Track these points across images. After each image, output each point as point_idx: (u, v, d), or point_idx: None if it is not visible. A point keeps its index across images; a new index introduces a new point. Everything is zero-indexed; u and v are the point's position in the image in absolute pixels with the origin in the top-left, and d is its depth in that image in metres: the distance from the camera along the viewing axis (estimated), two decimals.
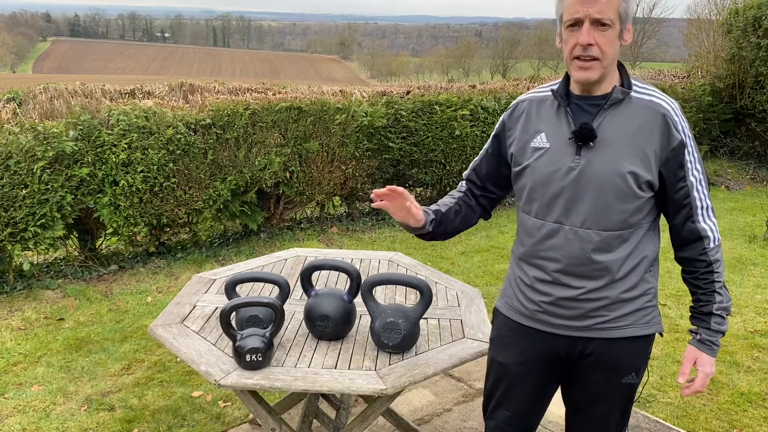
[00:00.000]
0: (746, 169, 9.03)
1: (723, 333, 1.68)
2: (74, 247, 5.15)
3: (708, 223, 1.65)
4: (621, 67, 1.65)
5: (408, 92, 6.59)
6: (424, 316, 2.19)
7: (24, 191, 4.33)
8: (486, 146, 1.86)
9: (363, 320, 2.33)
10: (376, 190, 1.75)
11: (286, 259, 2.95)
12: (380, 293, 2.58)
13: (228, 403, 3.16)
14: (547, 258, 1.68)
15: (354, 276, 2.19)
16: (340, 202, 6.67)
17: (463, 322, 2.37)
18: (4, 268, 4.66)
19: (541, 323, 1.73)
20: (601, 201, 1.60)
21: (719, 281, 1.66)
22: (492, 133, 1.84)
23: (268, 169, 5.44)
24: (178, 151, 4.91)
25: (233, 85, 6.85)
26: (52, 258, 5.14)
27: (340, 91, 6.56)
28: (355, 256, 3.01)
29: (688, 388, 1.71)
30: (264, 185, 5.52)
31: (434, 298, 2.46)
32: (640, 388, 1.79)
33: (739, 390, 3.33)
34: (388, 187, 1.73)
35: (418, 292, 2.15)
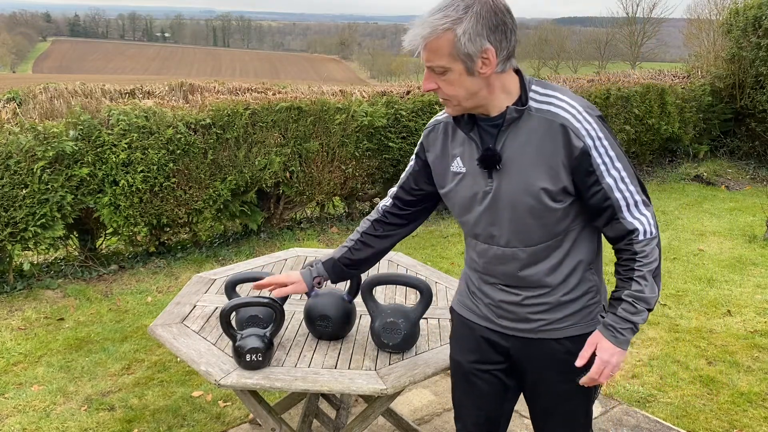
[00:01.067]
0: (746, 169, 9.02)
1: (633, 324, 1.58)
2: (74, 247, 5.15)
3: (638, 217, 1.58)
4: (520, 75, 1.59)
5: (408, 92, 6.59)
6: (424, 316, 2.19)
7: (24, 191, 4.33)
8: (411, 164, 1.84)
9: (363, 320, 2.33)
10: (256, 284, 1.96)
11: (286, 259, 2.95)
12: (380, 293, 2.58)
13: (228, 403, 3.16)
14: (485, 272, 1.72)
15: (354, 276, 2.19)
16: (340, 202, 6.68)
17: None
18: (4, 268, 4.66)
19: (489, 321, 1.76)
20: (519, 220, 1.59)
21: (640, 270, 1.57)
22: (415, 151, 1.83)
23: (268, 169, 5.44)
24: (178, 151, 4.91)
25: (233, 85, 6.85)
26: (52, 258, 5.14)
27: (340, 91, 6.56)
28: None
29: (585, 376, 1.64)
30: (264, 185, 5.52)
31: (434, 298, 2.46)
32: (599, 388, 1.78)
33: (739, 390, 3.33)
34: (258, 285, 1.94)
35: (418, 292, 2.15)
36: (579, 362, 1.62)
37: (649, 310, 1.60)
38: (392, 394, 2.01)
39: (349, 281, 2.20)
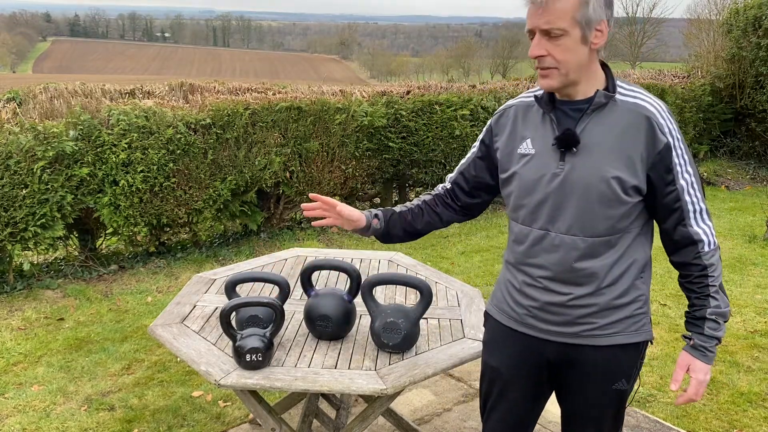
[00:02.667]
0: (746, 169, 9.03)
1: (718, 339, 1.62)
2: (74, 247, 5.15)
3: (702, 227, 1.60)
4: (606, 69, 1.61)
5: (408, 92, 6.59)
6: (424, 316, 2.19)
7: (24, 191, 4.32)
8: (473, 150, 1.83)
9: (363, 320, 2.33)
10: (305, 205, 1.84)
11: (286, 259, 2.95)
12: (380, 293, 2.58)
13: (228, 403, 3.16)
14: (534, 265, 1.67)
15: (354, 276, 2.19)
16: (340, 202, 6.67)
17: (463, 322, 2.37)
18: (4, 268, 4.66)
19: (530, 328, 1.72)
20: (586, 207, 1.57)
21: (714, 285, 1.60)
22: (479, 138, 1.82)
23: (268, 169, 5.44)
24: (178, 151, 4.91)
25: (233, 85, 6.86)
26: (52, 258, 5.14)
27: (340, 91, 6.56)
28: (355, 256, 3.01)
29: (682, 396, 1.67)
30: (264, 185, 5.52)
31: (434, 298, 2.46)
32: (631, 395, 1.77)
33: (739, 390, 3.33)
34: (312, 195, 1.81)
35: (418, 292, 2.15)
36: (673, 386, 1.64)
37: (726, 321, 1.63)
38: (392, 394, 2.01)
39: (348, 281, 2.20)
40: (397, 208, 1.91)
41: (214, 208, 5.23)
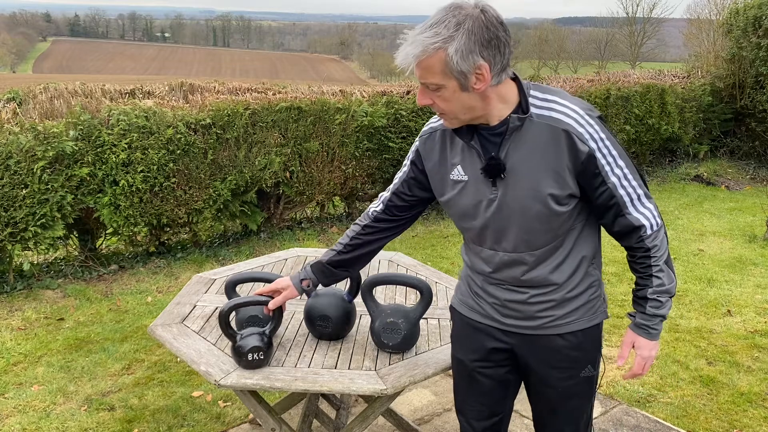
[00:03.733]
0: (746, 169, 9.03)
1: (662, 317, 1.67)
2: (74, 247, 5.15)
3: (642, 211, 1.61)
4: (518, 82, 1.58)
5: (408, 92, 6.59)
6: (424, 316, 2.19)
7: (24, 191, 4.32)
8: (405, 170, 1.82)
9: (363, 320, 2.33)
10: (267, 309, 1.98)
11: (286, 259, 2.95)
12: (380, 293, 2.58)
13: (228, 403, 3.16)
14: (490, 276, 1.72)
15: (354, 276, 2.19)
16: (340, 202, 6.67)
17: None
18: (4, 268, 4.66)
19: (493, 320, 1.77)
20: (527, 227, 1.60)
21: (657, 265, 1.64)
22: (408, 157, 1.81)
23: (268, 169, 5.44)
24: (178, 151, 4.91)
25: (233, 85, 6.86)
26: (52, 258, 5.14)
27: (340, 91, 6.56)
28: None
29: (629, 372, 1.75)
30: (264, 185, 5.52)
31: (434, 298, 2.46)
32: (599, 380, 1.82)
33: (739, 390, 3.33)
34: (259, 291, 1.97)
35: (418, 292, 2.15)
36: (619, 362, 1.71)
37: (672, 296, 1.66)
38: (392, 394, 2.01)
39: (348, 281, 2.20)
40: (325, 258, 1.95)
41: (214, 208, 5.23)
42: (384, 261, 2.95)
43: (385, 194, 1.89)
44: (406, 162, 1.81)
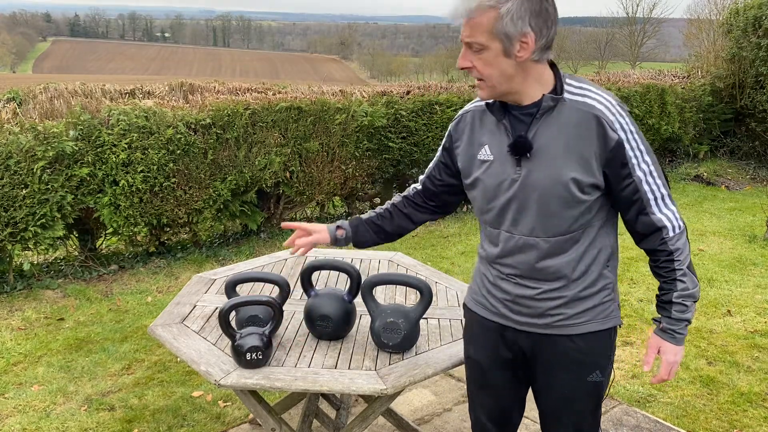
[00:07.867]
0: (746, 169, 9.03)
1: (687, 321, 1.66)
2: (74, 247, 5.15)
3: (665, 212, 1.61)
4: (555, 68, 1.60)
5: (408, 92, 6.59)
6: (424, 316, 2.19)
7: (24, 191, 4.33)
8: (438, 156, 1.87)
9: (363, 320, 2.33)
10: (287, 242, 1.99)
11: (286, 259, 2.95)
12: (380, 293, 2.58)
13: (228, 403, 3.16)
14: (503, 264, 1.71)
15: (354, 276, 2.19)
16: (340, 202, 6.68)
17: (463, 322, 2.36)
18: (4, 268, 4.66)
19: (505, 318, 1.76)
20: (546, 210, 1.59)
21: (681, 269, 1.63)
22: (442, 143, 1.84)
23: (268, 169, 5.44)
24: (178, 151, 4.91)
25: (233, 85, 6.87)
26: (52, 258, 5.14)
27: (340, 91, 6.56)
28: (355, 256, 3.01)
29: (655, 377, 1.73)
30: (264, 185, 5.52)
31: (434, 298, 2.46)
32: (608, 389, 1.80)
33: (739, 390, 3.33)
34: (285, 225, 1.94)
35: (418, 292, 2.15)
36: (646, 368, 1.71)
37: (696, 301, 1.65)
38: (392, 394, 2.01)
39: (348, 281, 2.20)
40: (365, 215, 1.98)
41: (214, 208, 5.23)
42: (384, 261, 2.95)
43: (422, 176, 1.94)
44: (440, 148, 1.86)
